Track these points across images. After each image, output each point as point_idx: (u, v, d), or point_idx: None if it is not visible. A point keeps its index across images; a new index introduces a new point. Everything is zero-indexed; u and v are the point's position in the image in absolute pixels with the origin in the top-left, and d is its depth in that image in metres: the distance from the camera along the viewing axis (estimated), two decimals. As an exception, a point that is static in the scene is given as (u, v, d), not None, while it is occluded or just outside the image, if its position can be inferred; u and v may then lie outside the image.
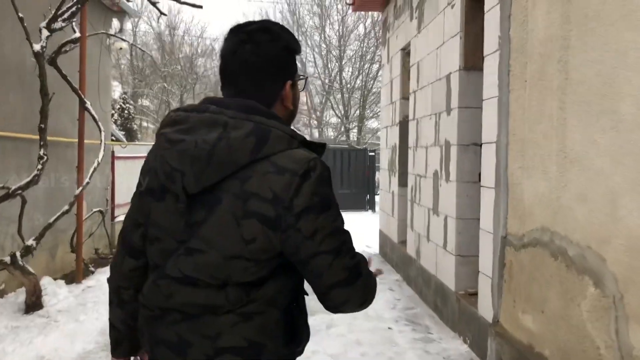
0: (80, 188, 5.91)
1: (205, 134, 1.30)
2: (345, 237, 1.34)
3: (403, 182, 7.67)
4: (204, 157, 1.28)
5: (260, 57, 1.38)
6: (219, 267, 1.30)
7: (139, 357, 1.62)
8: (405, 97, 7.61)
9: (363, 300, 1.36)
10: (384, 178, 8.83)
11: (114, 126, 13.29)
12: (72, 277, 6.81)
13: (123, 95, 16.48)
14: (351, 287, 1.33)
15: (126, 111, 15.20)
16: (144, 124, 26.03)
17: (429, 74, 6.02)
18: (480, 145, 5.01)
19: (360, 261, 1.37)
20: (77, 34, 5.83)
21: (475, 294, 4.92)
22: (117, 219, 9.67)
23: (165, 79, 24.19)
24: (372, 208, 16.02)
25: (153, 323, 1.40)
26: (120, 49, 9.13)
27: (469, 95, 5.00)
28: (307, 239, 1.29)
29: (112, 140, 10.74)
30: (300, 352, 1.44)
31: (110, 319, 1.58)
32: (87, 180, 5.93)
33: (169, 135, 1.35)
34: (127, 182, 10.80)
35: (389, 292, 6.59)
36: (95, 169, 5.99)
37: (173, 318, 1.36)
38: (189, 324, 1.34)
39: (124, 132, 14.13)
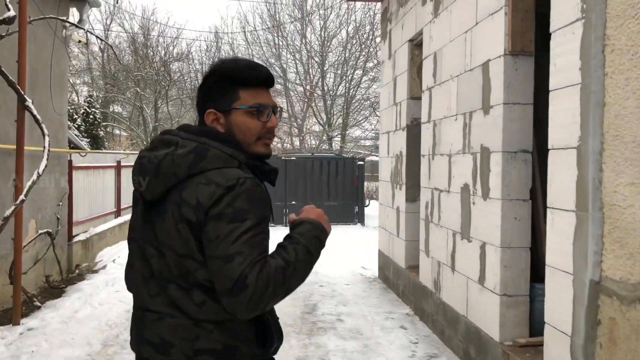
0: (13, 207, 4.63)
1: (159, 152, 1.53)
2: (243, 250, 1.37)
3: (412, 197, 6.52)
4: (153, 170, 1.51)
5: (200, 92, 1.62)
6: (179, 266, 1.47)
7: None
8: (414, 97, 6.48)
9: (250, 311, 1.40)
10: (385, 191, 7.68)
11: (75, 132, 11.93)
12: (11, 315, 5.51)
13: (88, 99, 15.06)
14: (234, 299, 1.37)
15: (91, 116, 13.80)
16: (116, 131, 24.56)
17: (452, 65, 4.89)
18: (531, 153, 3.89)
19: (254, 276, 1.36)
20: (12, 12, 4.59)
21: (528, 346, 3.78)
22: (75, 239, 8.35)
23: (138, 83, 22.72)
24: (362, 221, 14.87)
25: (138, 323, 1.56)
26: (79, 41, 7.85)
27: (517, 87, 3.87)
28: (209, 242, 1.41)
29: (71, 147, 9.41)
30: (275, 352, 1.58)
31: None
32: (22, 197, 4.65)
33: (141, 153, 1.59)
34: (90, 195, 9.49)
35: (402, 331, 5.41)
36: (34, 182, 4.72)
37: (151, 318, 1.51)
38: (168, 325, 1.49)
39: (88, 139, 12.77)
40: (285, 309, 6.01)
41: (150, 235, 1.53)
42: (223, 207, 1.40)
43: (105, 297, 6.54)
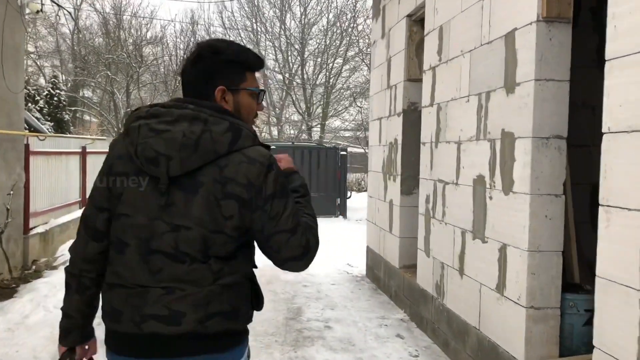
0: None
1: (189, 127, 1.53)
2: (300, 220, 1.60)
3: (408, 190, 5.89)
4: (192, 145, 1.51)
5: (199, 68, 1.64)
6: (205, 240, 1.52)
7: (87, 346, 1.73)
8: (412, 79, 5.84)
9: (308, 266, 1.63)
10: (376, 182, 7.04)
11: (37, 115, 11.00)
12: (-52, 321, 4.74)
13: (52, 80, 14.03)
14: (303, 261, 1.60)
15: (56, 98, 12.81)
16: (86, 117, 23.45)
17: (463, 39, 4.26)
18: (564, 141, 3.28)
19: (310, 238, 1.61)
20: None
21: (560, 369, 3.18)
22: (33, 232, 7.54)
23: (109, 67, 21.62)
24: (344, 214, 14.24)
25: (135, 300, 1.54)
26: (38, 12, 7.02)
27: (551, 60, 3.25)
28: (271, 219, 1.55)
29: (29, 130, 8.56)
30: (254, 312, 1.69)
31: (63, 308, 1.69)
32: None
33: (152, 125, 1.55)
34: (51, 183, 8.66)
35: (399, 341, 4.79)
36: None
37: (157, 293, 1.52)
38: (178, 297, 1.51)
39: (52, 123, 11.82)
40: (266, 314, 5.35)
41: (162, 211, 1.53)
42: (272, 186, 1.55)
43: (62, 299, 5.78)
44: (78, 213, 9.50)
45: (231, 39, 17.54)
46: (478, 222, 3.95)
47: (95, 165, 10.95)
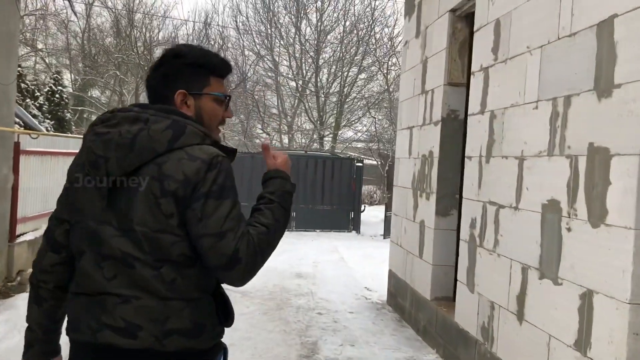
0: None
1: (128, 127, 1.49)
2: (238, 226, 1.47)
3: (445, 210, 5.12)
4: (127, 144, 1.47)
5: (161, 72, 1.62)
6: (151, 241, 1.46)
7: None
8: (454, 83, 5.09)
9: (245, 280, 1.50)
10: (403, 199, 6.27)
11: (35, 111, 10.31)
12: None
13: (55, 76, 13.38)
14: (232, 272, 1.47)
15: (57, 95, 12.12)
16: (94, 117, 22.85)
17: (531, 33, 3.50)
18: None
19: (241, 247, 1.45)
20: None
21: None
22: (20, 240, 6.82)
23: (119, 66, 20.99)
24: (357, 229, 13.45)
25: (94, 308, 1.49)
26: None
27: (669, 56, 2.49)
28: (199, 220, 1.45)
29: (21, 127, 7.86)
30: (225, 329, 1.62)
31: (26, 319, 1.66)
32: None
33: (96, 130, 1.53)
34: (45, 186, 7.94)
35: (435, 393, 4.00)
36: None
37: (113, 301, 1.47)
38: (134, 307, 1.45)
39: (52, 122, 11.16)
40: (276, 350, 4.58)
41: (108, 215, 1.50)
42: (209, 185, 1.46)
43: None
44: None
45: (245, 43, 16.83)
46: (548, 258, 3.17)
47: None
